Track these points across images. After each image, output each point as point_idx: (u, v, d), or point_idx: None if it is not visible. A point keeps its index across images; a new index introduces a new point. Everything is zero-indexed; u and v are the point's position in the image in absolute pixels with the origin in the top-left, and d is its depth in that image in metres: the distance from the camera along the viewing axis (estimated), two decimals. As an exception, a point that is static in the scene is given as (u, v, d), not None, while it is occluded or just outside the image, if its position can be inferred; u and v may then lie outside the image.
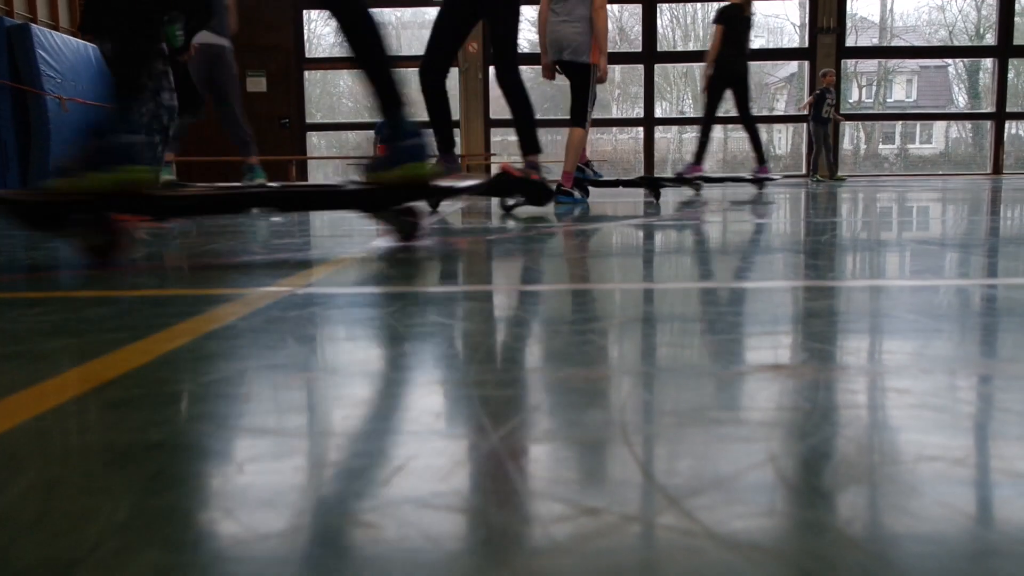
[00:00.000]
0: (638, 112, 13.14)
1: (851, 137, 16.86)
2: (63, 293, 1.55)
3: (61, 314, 1.29)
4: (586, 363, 0.87)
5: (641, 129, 13.07)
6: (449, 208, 4.15)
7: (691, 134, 17.24)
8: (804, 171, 11.17)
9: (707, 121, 6.73)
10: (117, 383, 0.82)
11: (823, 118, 10.57)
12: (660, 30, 14.60)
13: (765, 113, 15.38)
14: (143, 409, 0.73)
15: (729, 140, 17.53)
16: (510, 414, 0.69)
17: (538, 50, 4.88)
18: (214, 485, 0.55)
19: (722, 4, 6.74)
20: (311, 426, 0.68)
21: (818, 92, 10.71)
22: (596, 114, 4.83)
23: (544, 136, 5.65)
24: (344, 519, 0.48)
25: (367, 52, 2.17)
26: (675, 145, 16.62)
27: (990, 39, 13.80)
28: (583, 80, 4.41)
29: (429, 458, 0.58)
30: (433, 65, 3.88)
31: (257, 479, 0.55)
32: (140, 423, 0.69)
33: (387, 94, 2.16)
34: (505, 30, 3.92)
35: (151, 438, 0.64)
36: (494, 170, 12.57)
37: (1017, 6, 13.08)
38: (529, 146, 4.08)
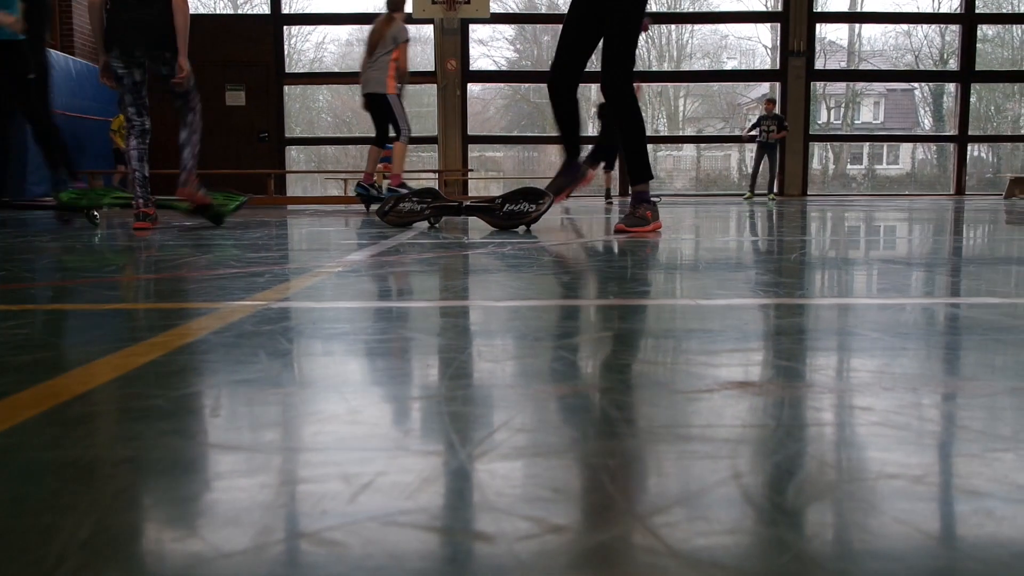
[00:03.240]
0: (613, 130, 13.26)
1: (820, 157, 17.18)
2: (36, 306, 1.53)
3: (33, 327, 1.27)
4: (556, 380, 0.88)
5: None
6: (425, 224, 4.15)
7: (664, 152, 17.46)
8: (767, 191, 11.43)
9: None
10: (86, 397, 0.81)
11: (761, 142, 11.05)
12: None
13: (738, 132, 15.59)
14: (112, 424, 0.72)
15: (702, 159, 17.76)
16: (479, 430, 0.69)
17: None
18: (179, 502, 0.54)
19: None
20: (280, 442, 0.68)
21: (758, 118, 11.25)
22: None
23: (525, 152, 5.70)
24: (309, 537, 0.48)
25: None
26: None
27: (953, 64, 14.17)
28: (386, 106, 6.09)
29: (397, 475, 0.58)
30: (563, 80, 3.63)
31: (223, 496, 0.55)
32: (108, 439, 0.68)
33: None
34: (622, 31, 3.40)
35: (118, 454, 0.64)
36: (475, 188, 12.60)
37: (979, 34, 13.45)
38: (635, 174, 3.55)
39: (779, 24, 12.93)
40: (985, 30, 14.50)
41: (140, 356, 1.00)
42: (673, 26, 16.96)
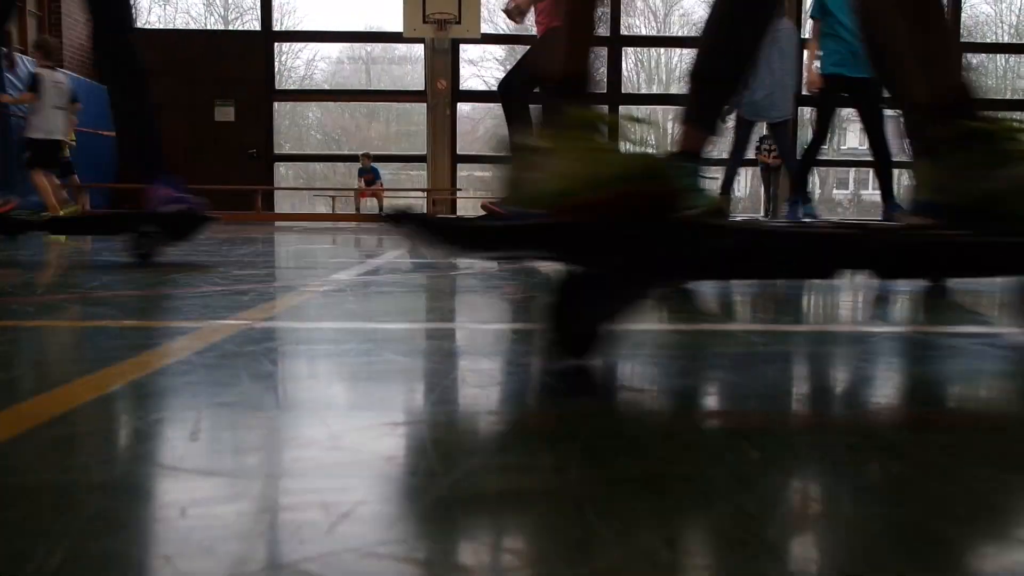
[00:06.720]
0: (603, 151, 13.34)
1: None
2: (16, 322, 1.51)
3: (12, 345, 1.26)
4: (542, 407, 0.88)
5: (605, 168, 13.26)
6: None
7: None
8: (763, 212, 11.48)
9: None
10: (64, 419, 0.80)
11: (763, 164, 10.88)
12: (625, 73, 14.93)
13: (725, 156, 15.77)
14: (88, 447, 0.71)
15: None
16: (462, 458, 0.69)
17: None
18: (154, 529, 0.54)
19: None
20: (259, 468, 0.67)
21: (760, 138, 11.07)
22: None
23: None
24: (285, 568, 0.48)
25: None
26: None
27: (938, 93, 14.39)
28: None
29: (377, 504, 0.58)
30: None
31: (200, 523, 0.54)
32: (84, 462, 0.67)
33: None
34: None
35: (93, 478, 0.63)
36: (461, 205, 12.62)
37: (963, 62, 13.69)
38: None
39: (767, 50, 13.11)
40: (968, 58, 14.77)
41: (121, 377, 0.99)
42: (662, 49, 17.16)
